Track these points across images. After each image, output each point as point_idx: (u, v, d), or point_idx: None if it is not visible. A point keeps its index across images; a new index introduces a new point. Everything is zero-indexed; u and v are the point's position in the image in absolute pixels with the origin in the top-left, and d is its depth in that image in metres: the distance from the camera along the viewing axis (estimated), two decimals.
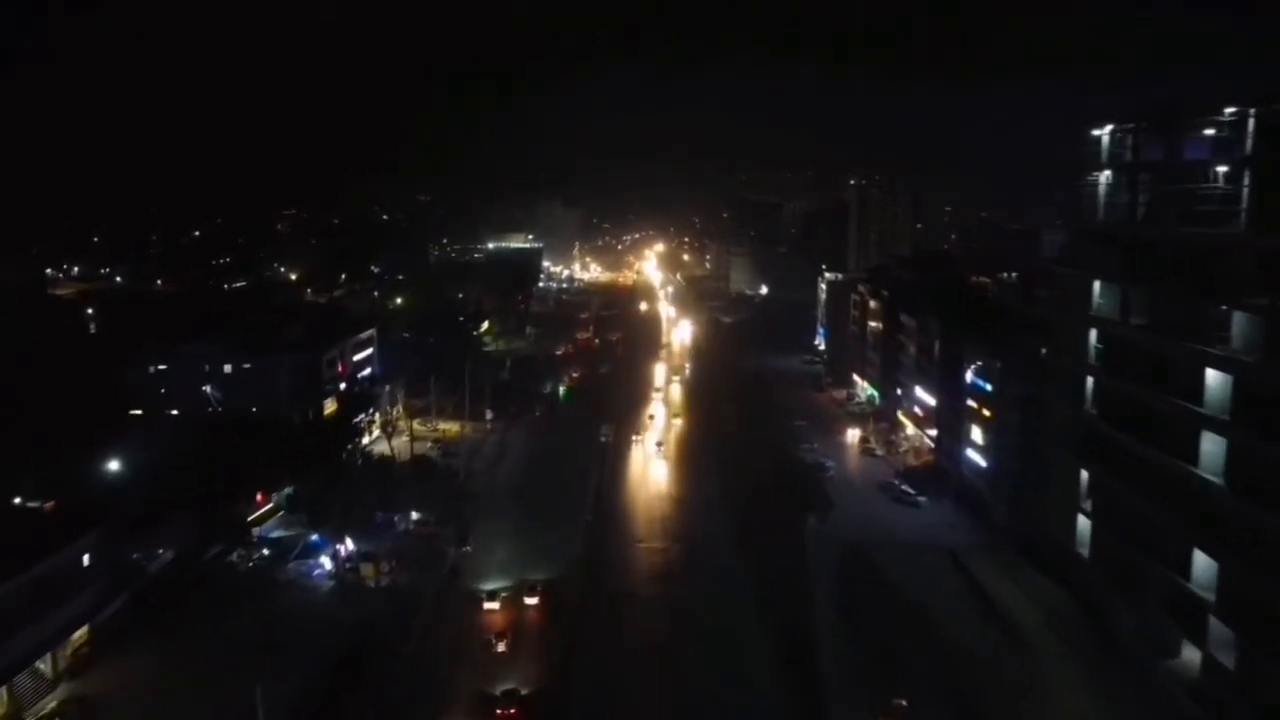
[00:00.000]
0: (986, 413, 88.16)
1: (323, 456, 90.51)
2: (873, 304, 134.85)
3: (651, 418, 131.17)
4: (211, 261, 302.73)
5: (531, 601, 71.39)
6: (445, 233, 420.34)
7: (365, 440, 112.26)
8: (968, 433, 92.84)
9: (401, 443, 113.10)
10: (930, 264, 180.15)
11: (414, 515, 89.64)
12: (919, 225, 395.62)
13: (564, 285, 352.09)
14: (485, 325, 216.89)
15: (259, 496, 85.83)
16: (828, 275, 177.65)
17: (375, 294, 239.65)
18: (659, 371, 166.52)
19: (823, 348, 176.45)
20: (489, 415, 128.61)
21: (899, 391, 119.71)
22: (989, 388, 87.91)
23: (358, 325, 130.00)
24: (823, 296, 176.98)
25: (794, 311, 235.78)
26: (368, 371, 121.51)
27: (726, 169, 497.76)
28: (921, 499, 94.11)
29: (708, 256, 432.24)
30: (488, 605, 70.48)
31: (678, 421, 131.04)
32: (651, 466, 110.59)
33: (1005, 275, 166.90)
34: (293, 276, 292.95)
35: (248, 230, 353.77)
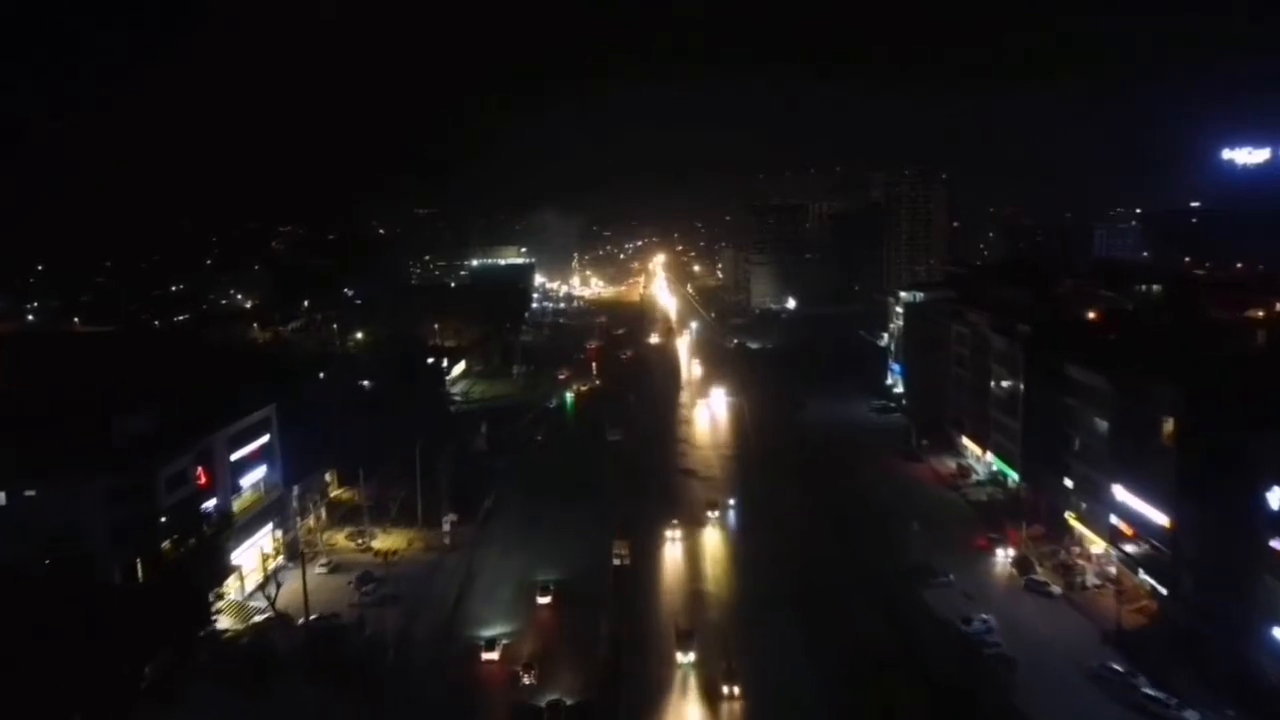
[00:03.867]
0: None
1: (133, 664, 50.36)
2: (998, 342, 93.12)
3: None
4: (157, 292, 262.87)
5: None
6: (435, 247, 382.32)
7: (246, 588, 72.19)
8: (1271, 596, 51.96)
9: (307, 581, 72.28)
10: (1026, 274, 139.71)
11: None
12: (955, 224, 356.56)
13: (561, 304, 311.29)
14: (461, 366, 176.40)
15: None
16: (904, 295, 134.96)
17: (334, 326, 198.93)
18: (675, 543, 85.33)
19: (898, 389, 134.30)
20: (449, 521, 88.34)
21: (1067, 482, 78.23)
22: None
23: (265, 390, 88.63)
24: (897, 322, 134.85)
25: (835, 330, 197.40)
26: (261, 473, 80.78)
27: (739, 169, 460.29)
28: (1190, 716, 52.88)
29: (719, 265, 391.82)
30: None
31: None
32: (694, 618, 69.86)
33: (1143, 288, 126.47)
34: (249, 305, 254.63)
35: (226, 249, 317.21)
